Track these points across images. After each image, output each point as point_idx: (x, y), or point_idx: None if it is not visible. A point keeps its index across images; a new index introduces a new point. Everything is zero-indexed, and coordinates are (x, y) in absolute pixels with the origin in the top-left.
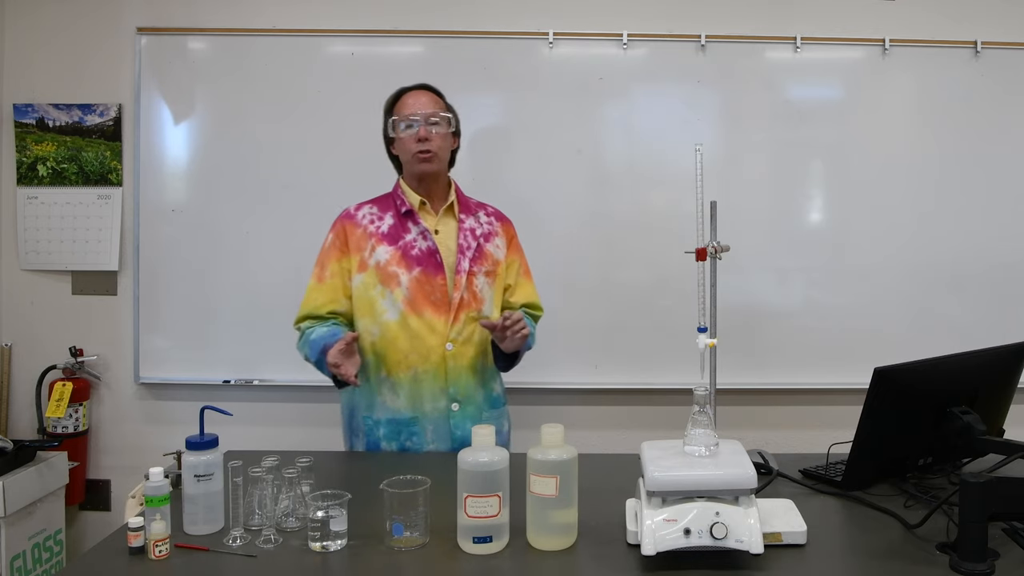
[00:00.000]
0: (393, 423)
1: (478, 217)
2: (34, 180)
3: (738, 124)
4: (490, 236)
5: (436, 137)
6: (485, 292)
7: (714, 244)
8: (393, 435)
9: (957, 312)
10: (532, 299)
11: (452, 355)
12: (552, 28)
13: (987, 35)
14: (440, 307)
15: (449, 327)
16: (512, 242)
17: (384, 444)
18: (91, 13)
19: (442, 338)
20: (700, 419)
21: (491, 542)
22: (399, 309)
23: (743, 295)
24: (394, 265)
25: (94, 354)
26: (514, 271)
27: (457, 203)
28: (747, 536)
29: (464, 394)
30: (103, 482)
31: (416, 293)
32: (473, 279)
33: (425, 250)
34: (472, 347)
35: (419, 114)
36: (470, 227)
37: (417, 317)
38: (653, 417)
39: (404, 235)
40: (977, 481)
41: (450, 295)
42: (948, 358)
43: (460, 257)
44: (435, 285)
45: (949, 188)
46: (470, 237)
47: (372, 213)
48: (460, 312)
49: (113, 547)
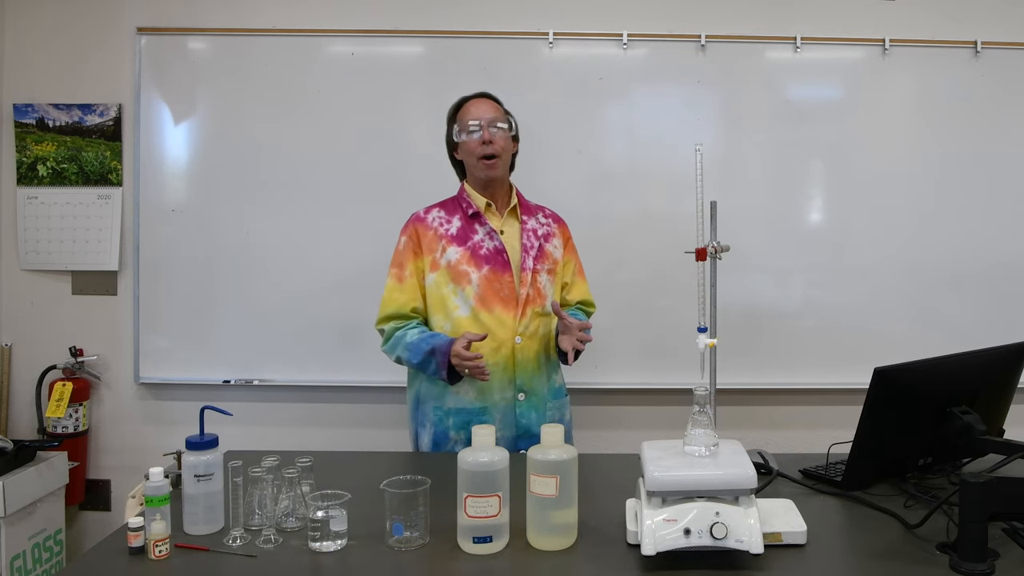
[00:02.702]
0: (463, 413)
1: (537, 218)
2: (34, 180)
3: (738, 124)
4: (549, 236)
5: (499, 139)
6: (547, 289)
7: (714, 244)
8: (462, 424)
9: (957, 312)
10: (587, 296)
11: (520, 348)
12: (552, 28)
13: (987, 35)
14: (508, 303)
15: (517, 322)
16: (568, 243)
17: (452, 434)
18: (91, 13)
19: (511, 332)
20: (700, 419)
21: (491, 542)
22: (470, 305)
23: (743, 295)
24: (464, 264)
25: (94, 354)
26: (570, 270)
27: (519, 205)
28: (747, 536)
29: (529, 385)
30: (103, 482)
31: (486, 290)
32: (537, 276)
33: (493, 249)
34: (537, 341)
35: (482, 119)
36: (532, 228)
37: (487, 312)
38: (653, 417)
39: (472, 236)
40: (977, 481)
41: (517, 291)
42: (948, 358)
43: (524, 256)
44: (503, 282)
45: (949, 188)
46: (532, 237)
47: (440, 216)
48: (527, 307)
49: (113, 547)
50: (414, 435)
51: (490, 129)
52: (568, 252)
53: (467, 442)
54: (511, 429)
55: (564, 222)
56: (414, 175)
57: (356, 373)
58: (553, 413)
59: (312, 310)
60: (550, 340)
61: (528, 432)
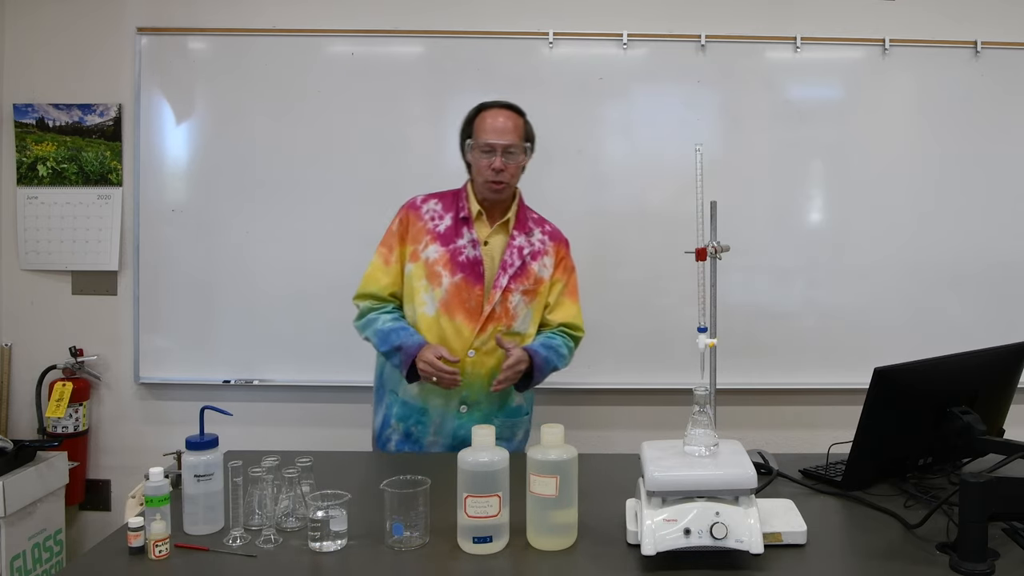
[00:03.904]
0: (407, 407)
1: (531, 235)
2: (34, 180)
3: (738, 124)
4: (538, 255)
5: (511, 167)
6: (520, 309)
7: (714, 244)
8: (403, 416)
9: (957, 312)
10: (572, 320)
11: (472, 362)
12: (552, 28)
13: (987, 35)
14: (472, 315)
15: (475, 336)
16: (562, 263)
17: (394, 422)
18: (91, 13)
19: (467, 344)
20: (700, 419)
21: (491, 542)
22: (436, 307)
23: (743, 295)
24: (440, 266)
25: (94, 354)
26: (557, 291)
27: (514, 219)
28: (747, 536)
29: (475, 399)
30: (103, 482)
31: (453, 297)
32: (509, 295)
33: (471, 259)
34: (493, 358)
35: (498, 144)
36: (519, 245)
37: (449, 319)
38: (653, 417)
39: (456, 239)
40: (977, 481)
41: (483, 306)
42: (948, 358)
43: (501, 273)
44: (472, 294)
45: (949, 188)
46: (516, 255)
47: (435, 210)
48: (488, 324)
49: (113, 547)
50: (375, 414)
51: (503, 157)
52: (559, 272)
53: (404, 434)
54: (448, 438)
55: (564, 241)
56: (414, 175)
57: (356, 373)
58: (502, 432)
59: (312, 310)
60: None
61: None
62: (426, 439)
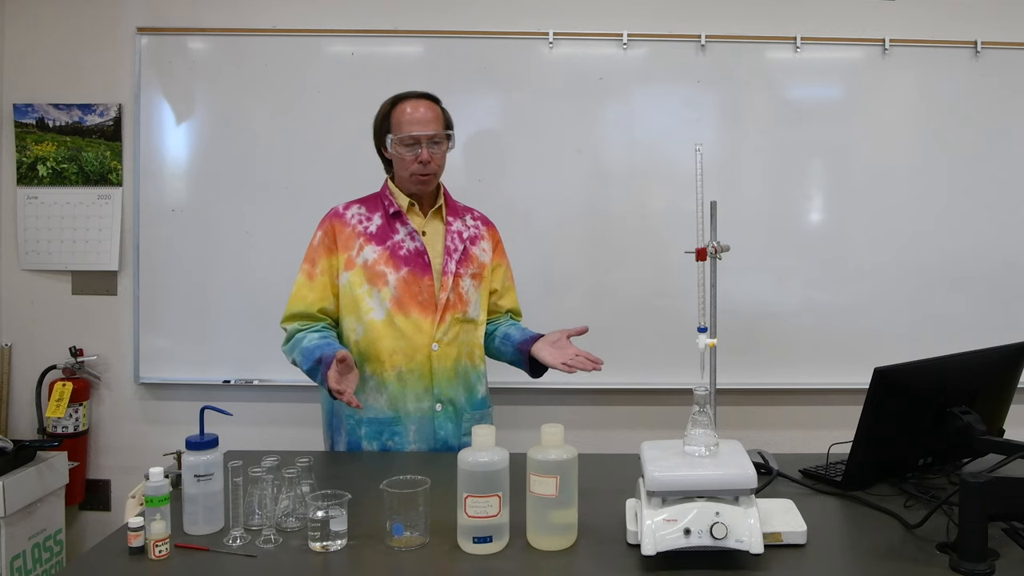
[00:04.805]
0: (375, 423)
1: (464, 220)
2: (34, 180)
3: (738, 124)
4: (476, 239)
5: (437, 158)
6: (471, 294)
7: (714, 244)
8: (375, 435)
9: (957, 312)
10: (516, 306)
11: (437, 355)
12: (552, 28)
13: (987, 35)
14: (427, 307)
15: (435, 327)
16: (498, 247)
17: (365, 444)
18: (91, 13)
19: (428, 338)
20: (700, 419)
21: (491, 542)
22: (386, 308)
23: (743, 295)
24: (382, 264)
25: (94, 354)
26: (500, 276)
27: (445, 206)
28: (747, 536)
29: (447, 395)
30: (103, 482)
31: (403, 293)
32: (459, 281)
33: (413, 251)
34: (456, 347)
35: (422, 136)
36: (457, 230)
37: (404, 317)
38: (653, 417)
39: (392, 235)
40: (977, 481)
41: (436, 296)
42: (948, 358)
43: (447, 259)
44: (422, 286)
45: (949, 188)
46: (457, 240)
47: (360, 213)
48: (446, 313)
49: (113, 547)
50: (330, 441)
51: (428, 148)
52: (497, 256)
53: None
54: (428, 441)
55: (494, 225)
56: None
57: None
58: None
59: None
60: (472, 348)
61: (446, 444)
62: (407, 448)
